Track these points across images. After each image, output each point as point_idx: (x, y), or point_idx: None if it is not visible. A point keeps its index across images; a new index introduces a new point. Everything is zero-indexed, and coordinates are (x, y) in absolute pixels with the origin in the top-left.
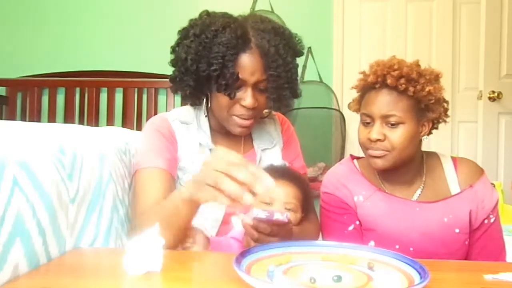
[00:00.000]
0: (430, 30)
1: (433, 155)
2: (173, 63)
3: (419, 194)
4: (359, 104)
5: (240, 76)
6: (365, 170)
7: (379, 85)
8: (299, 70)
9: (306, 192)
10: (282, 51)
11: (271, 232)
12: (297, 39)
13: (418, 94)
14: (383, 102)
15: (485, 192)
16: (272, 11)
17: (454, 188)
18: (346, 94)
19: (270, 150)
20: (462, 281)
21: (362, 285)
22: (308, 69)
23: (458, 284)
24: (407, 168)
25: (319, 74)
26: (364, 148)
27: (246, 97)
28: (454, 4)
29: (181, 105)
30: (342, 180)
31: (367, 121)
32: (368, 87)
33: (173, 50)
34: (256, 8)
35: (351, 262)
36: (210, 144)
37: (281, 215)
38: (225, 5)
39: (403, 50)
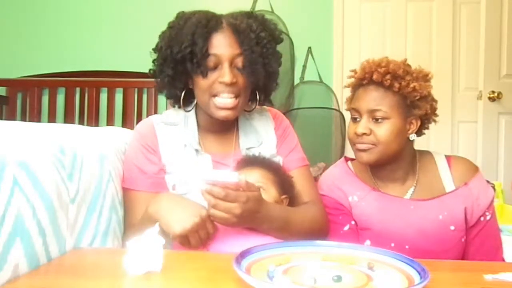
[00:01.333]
0: (430, 30)
1: (426, 154)
2: (153, 61)
3: (413, 192)
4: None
5: (213, 52)
6: (359, 171)
7: (367, 81)
8: (299, 70)
9: (279, 173)
10: (254, 27)
11: (227, 197)
12: (274, 25)
13: (403, 90)
14: (370, 97)
15: (480, 189)
16: (272, 11)
17: (449, 185)
18: (346, 94)
19: (256, 149)
20: (461, 281)
21: (362, 285)
22: (308, 69)
23: (458, 284)
24: (397, 165)
25: (319, 74)
26: (352, 143)
27: (224, 74)
28: (454, 4)
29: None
30: (337, 182)
31: (355, 117)
32: (357, 84)
33: (154, 51)
34: (256, 8)
35: (351, 262)
36: (195, 144)
37: (230, 174)
38: (225, 5)
39: (403, 50)
